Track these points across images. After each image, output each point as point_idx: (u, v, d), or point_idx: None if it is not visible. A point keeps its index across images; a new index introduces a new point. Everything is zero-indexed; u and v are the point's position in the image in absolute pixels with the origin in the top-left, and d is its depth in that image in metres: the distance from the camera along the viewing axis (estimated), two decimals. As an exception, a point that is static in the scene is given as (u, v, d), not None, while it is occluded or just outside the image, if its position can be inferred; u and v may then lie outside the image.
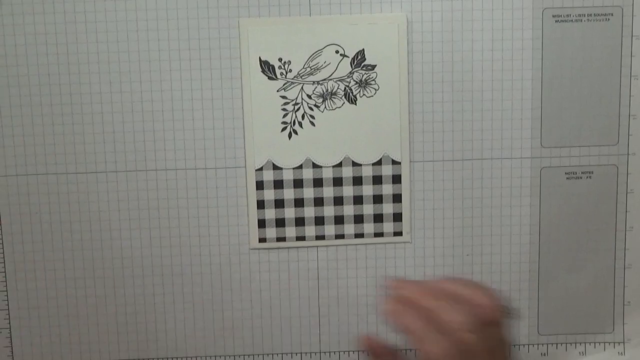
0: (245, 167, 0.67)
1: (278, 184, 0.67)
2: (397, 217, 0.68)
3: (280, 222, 0.67)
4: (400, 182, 0.67)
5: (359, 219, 0.68)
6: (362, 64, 0.65)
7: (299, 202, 0.67)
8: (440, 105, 0.66)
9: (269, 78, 0.65)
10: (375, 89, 0.66)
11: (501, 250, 0.69)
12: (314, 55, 0.65)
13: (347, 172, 0.67)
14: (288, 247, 0.68)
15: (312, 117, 0.66)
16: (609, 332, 0.70)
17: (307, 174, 0.67)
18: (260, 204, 0.67)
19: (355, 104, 0.66)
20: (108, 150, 0.66)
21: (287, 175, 0.67)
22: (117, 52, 0.64)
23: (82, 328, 0.69)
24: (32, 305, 0.68)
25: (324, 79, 0.65)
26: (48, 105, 0.65)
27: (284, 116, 0.66)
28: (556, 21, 0.65)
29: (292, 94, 0.66)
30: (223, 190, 0.67)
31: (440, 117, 0.67)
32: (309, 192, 0.67)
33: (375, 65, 0.65)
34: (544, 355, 0.70)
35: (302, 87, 0.65)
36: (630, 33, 0.66)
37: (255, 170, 0.67)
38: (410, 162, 0.67)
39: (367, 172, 0.67)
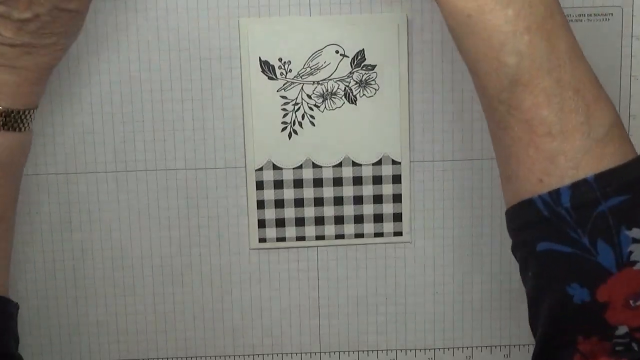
0: (245, 167, 0.67)
1: (278, 184, 0.67)
2: (397, 217, 0.68)
3: (280, 222, 0.67)
4: (400, 182, 0.67)
5: (359, 219, 0.68)
6: (362, 64, 0.65)
7: (299, 202, 0.67)
8: (440, 105, 0.66)
9: (269, 78, 0.65)
10: (375, 89, 0.66)
11: (501, 251, 0.69)
12: (314, 55, 0.65)
13: (347, 172, 0.67)
14: (288, 247, 0.68)
15: (312, 117, 0.66)
16: (609, 332, 0.70)
17: (307, 174, 0.67)
18: (260, 204, 0.67)
19: (355, 104, 0.66)
20: (108, 151, 0.66)
21: (287, 176, 0.67)
22: (117, 52, 0.64)
23: (82, 328, 0.69)
24: (31, 305, 0.68)
25: (324, 79, 0.65)
26: (48, 105, 0.65)
27: (284, 116, 0.66)
28: (556, 21, 0.65)
29: (292, 94, 0.66)
30: (223, 190, 0.67)
31: (440, 117, 0.67)
32: (309, 192, 0.67)
33: (375, 65, 0.65)
34: (544, 355, 0.70)
35: (302, 87, 0.65)
36: (630, 33, 0.66)
37: (255, 170, 0.67)
38: (410, 162, 0.67)
39: (367, 172, 0.67)
